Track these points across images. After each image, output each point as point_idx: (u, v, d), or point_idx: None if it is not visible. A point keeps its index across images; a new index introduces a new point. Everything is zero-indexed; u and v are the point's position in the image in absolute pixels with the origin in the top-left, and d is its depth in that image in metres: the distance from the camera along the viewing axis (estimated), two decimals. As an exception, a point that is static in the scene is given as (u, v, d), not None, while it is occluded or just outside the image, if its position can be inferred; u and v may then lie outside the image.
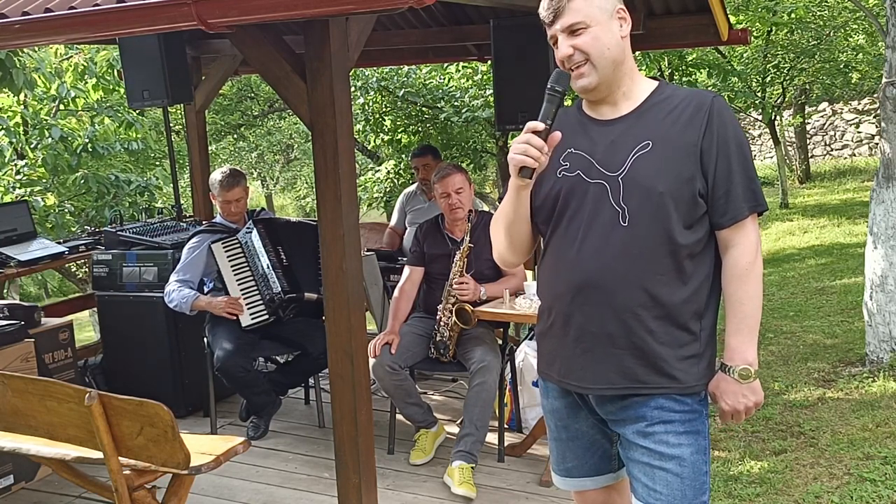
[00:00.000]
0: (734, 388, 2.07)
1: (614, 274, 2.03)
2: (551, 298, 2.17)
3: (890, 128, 5.26)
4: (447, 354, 4.02)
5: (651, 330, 2.03)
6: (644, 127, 2.04)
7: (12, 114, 8.53)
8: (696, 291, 2.05)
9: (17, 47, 5.82)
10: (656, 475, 2.08)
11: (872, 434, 4.31)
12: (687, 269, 2.04)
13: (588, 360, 2.09)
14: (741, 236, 2.04)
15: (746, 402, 2.08)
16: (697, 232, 2.04)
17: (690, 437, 2.08)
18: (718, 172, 2.01)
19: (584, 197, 2.06)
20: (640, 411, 2.08)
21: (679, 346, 2.05)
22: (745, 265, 2.04)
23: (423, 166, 5.53)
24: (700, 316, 2.07)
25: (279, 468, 4.07)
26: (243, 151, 21.60)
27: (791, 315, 7.19)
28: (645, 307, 2.02)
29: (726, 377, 2.08)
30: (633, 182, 2.01)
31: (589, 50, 2.02)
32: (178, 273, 4.34)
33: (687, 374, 2.06)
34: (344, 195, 3.09)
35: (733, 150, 2.02)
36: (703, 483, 2.09)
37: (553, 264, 2.15)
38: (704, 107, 2.02)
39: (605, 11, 2.03)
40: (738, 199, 2.02)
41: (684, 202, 2.00)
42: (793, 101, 14.96)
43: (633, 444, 2.11)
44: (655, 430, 2.07)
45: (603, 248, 2.03)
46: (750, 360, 2.06)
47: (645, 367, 2.05)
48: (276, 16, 2.65)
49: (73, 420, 2.68)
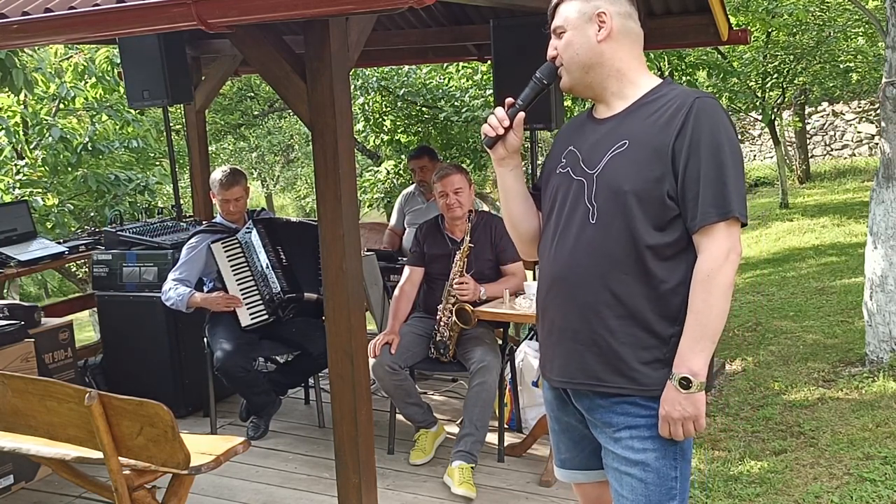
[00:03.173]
0: (672, 395, 2.01)
1: (580, 270, 2.05)
2: (537, 292, 2.23)
3: (890, 128, 5.26)
4: (447, 354, 4.02)
5: (612, 329, 2.03)
6: (626, 127, 2.06)
7: (12, 114, 8.52)
8: (666, 295, 2.02)
9: (17, 47, 5.82)
10: (623, 480, 2.10)
11: (872, 434, 4.30)
12: (655, 271, 2.01)
13: (557, 353, 2.14)
14: (708, 242, 1.98)
15: (683, 412, 1.99)
16: (670, 234, 2.01)
17: (656, 442, 2.06)
18: (688, 175, 1.97)
19: (567, 193, 2.11)
20: (607, 417, 2.09)
21: (641, 349, 2.03)
22: (706, 271, 1.97)
23: (421, 168, 5.53)
24: (672, 321, 2.02)
25: (279, 468, 4.07)
26: (243, 151, 21.59)
27: (791, 315, 7.18)
28: (607, 305, 2.03)
29: (669, 383, 2.02)
30: (604, 180, 2.03)
31: (561, 53, 2.11)
32: (176, 272, 4.34)
33: (648, 378, 2.03)
34: (344, 195, 3.09)
35: (706, 153, 1.96)
36: (670, 489, 2.08)
37: (540, 259, 2.22)
38: (684, 108, 1.99)
39: (584, 15, 2.07)
40: (705, 204, 1.96)
41: (651, 202, 1.99)
42: (793, 102, 14.95)
43: (605, 450, 2.14)
44: (622, 436, 2.08)
45: (574, 245, 2.07)
46: (695, 370, 1.98)
47: (604, 366, 2.05)
48: (276, 16, 2.65)
49: (73, 420, 2.68)
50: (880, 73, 6.00)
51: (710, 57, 11.14)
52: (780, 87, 13.14)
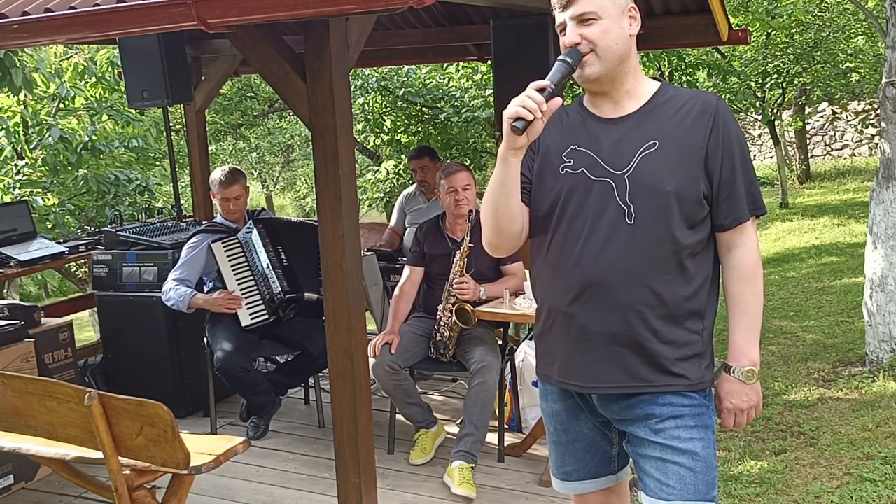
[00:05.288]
0: (738, 388, 2.10)
1: (619, 272, 2.02)
2: (551, 297, 2.14)
3: (890, 128, 5.26)
4: (447, 354, 4.02)
5: (654, 329, 2.03)
6: (650, 126, 2.05)
7: (12, 114, 8.52)
8: (698, 291, 2.06)
9: (17, 47, 5.81)
10: (669, 470, 2.07)
11: (872, 434, 4.30)
12: (689, 268, 2.04)
13: (590, 360, 2.08)
14: (744, 238, 2.06)
15: (750, 402, 2.10)
16: (699, 233, 2.05)
17: (701, 432, 2.08)
18: (724, 174, 2.03)
19: (588, 194, 2.06)
20: (648, 409, 2.08)
21: (681, 346, 2.05)
22: (749, 266, 2.07)
23: (422, 168, 5.53)
24: (702, 316, 2.07)
25: (279, 468, 4.07)
26: (243, 151, 21.59)
27: (791, 315, 7.19)
28: (649, 306, 2.03)
29: (730, 377, 2.10)
30: (640, 180, 2.01)
31: (597, 41, 2.02)
32: (176, 272, 4.34)
33: (693, 373, 2.07)
34: (344, 195, 3.09)
35: (737, 153, 2.04)
36: (713, 478, 2.10)
37: (552, 262, 2.13)
38: (710, 109, 2.04)
39: (618, 6, 2.04)
40: (740, 202, 2.04)
41: (689, 202, 2.02)
42: (793, 102, 14.96)
43: (643, 441, 2.11)
44: (666, 426, 2.07)
45: (607, 246, 2.03)
46: (755, 361, 2.09)
47: (648, 366, 2.05)
48: (276, 16, 2.65)
49: (73, 420, 2.68)
50: (880, 74, 5.99)
51: (710, 57, 11.15)
52: (780, 87, 13.15)
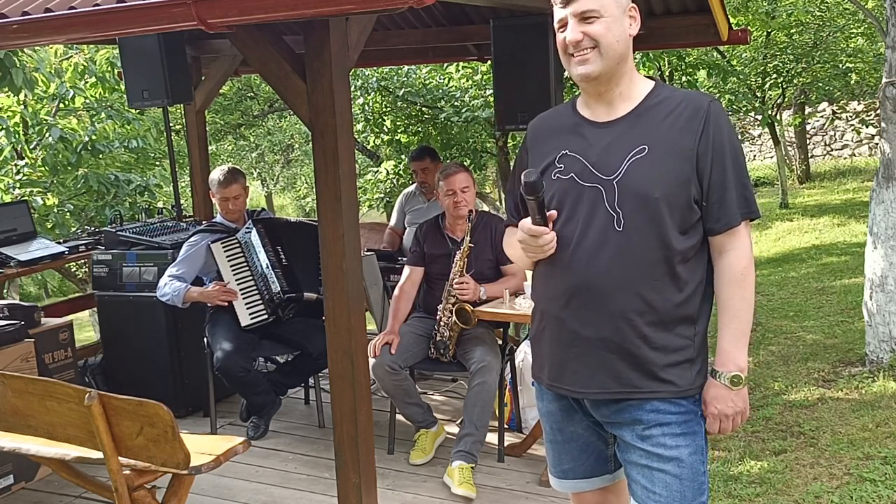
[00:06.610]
0: (724, 394, 2.07)
1: (609, 278, 2.02)
2: (544, 302, 2.16)
3: (890, 128, 5.26)
4: (447, 354, 4.02)
5: (644, 335, 2.02)
6: (640, 130, 2.03)
7: (12, 114, 8.52)
8: (690, 297, 2.04)
9: (17, 47, 5.81)
10: (655, 477, 2.07)
11: (872, 434, 4.30)
12: (681, 274, 2.03)
13: (581, 365, 2.08)
14: (735, 241, 2.04)
15: (735, 408, 2.07)
16: (692, 237, 2.03)
17: (688, 439, 2.08)
18: (714, 178, 2.00)
19: (579, 201, 2.05)
20: (636, 414, 2.08)
21: (672, 352, 2.04)
22: (740, 270, 2.04)
23: (422, 169, 5.53)
24: (694, 321, 2.06)
25: (279, 468, 4.07)
26: (243, 151, 21.58)
27: (791, 315, 7.19)
28: (639, 312, 2.02)
29: (716, 383, 2.07)
30: (628, 187, 2.00)
31: (600, 38, 2.01)
32: (173, 268, 4.33)
33: (682, 379, 2.06)
34: (344, 195, 3.09)
35: (728, 155, 2.01)
36: (701, 483, 2.09)
37: (546, 266, 2.13)
38: (701, 111, 2.01)
39: (620, 5, 2.04)
40: (731, 206, 2.02)
41: (679, 207, 2.00)
42: (792, 102, 14.96)
43: (630, 447, 2.11)
44: (652, 433, 2.07)
45: (597, 253, 2.02)
46: (742, 366, 2.06)
47: (637, 372, 2.04)
48: (276, 16, 2.64)
49: (73, 420, 2.68)
50: (880, 74, 5.99)
51: (710, 57, 11.15)
52: (779, 87, 13.15)
